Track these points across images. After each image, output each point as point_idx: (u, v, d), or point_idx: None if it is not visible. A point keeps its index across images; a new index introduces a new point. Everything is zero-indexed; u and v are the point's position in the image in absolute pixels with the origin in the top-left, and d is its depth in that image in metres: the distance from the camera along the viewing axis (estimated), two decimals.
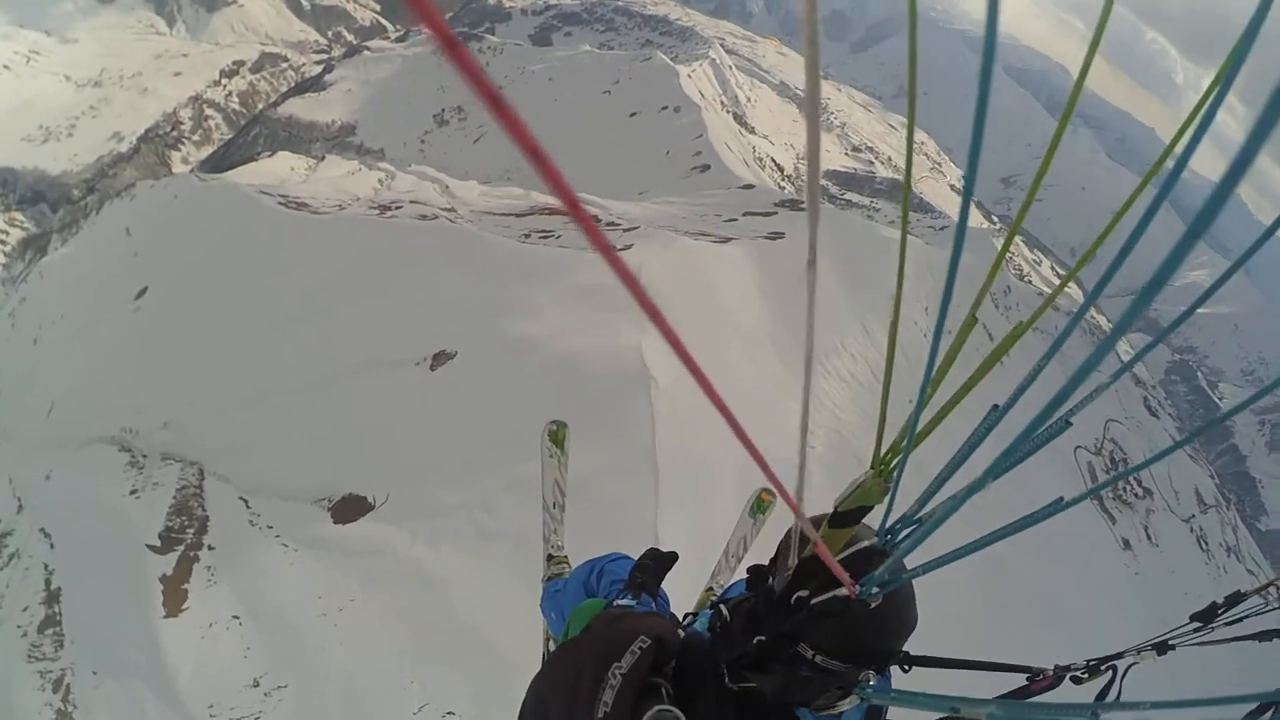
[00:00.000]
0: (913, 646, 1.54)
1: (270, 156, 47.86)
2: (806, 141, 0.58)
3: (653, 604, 2.42)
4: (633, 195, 37.52)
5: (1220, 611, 2.69)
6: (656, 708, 1.27)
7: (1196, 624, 2.71)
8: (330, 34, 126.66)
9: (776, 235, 23.47)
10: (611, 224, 24.59)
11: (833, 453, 17.47)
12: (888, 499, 1.18)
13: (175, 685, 13.21)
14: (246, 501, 16.41)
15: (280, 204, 26.77)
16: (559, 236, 23.06)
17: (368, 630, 13.00)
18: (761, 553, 2.29)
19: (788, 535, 1.59)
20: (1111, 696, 2.54)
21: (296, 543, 15.03)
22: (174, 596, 14.79)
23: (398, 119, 74.39)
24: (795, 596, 1.33)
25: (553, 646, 3.33)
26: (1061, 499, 0.93)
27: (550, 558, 3.77)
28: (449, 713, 11.64)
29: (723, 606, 1.64)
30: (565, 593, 3.01)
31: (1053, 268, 73.38)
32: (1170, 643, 2.64)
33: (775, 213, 28.79)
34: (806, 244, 0.66)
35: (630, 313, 16.50)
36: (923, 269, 24.68)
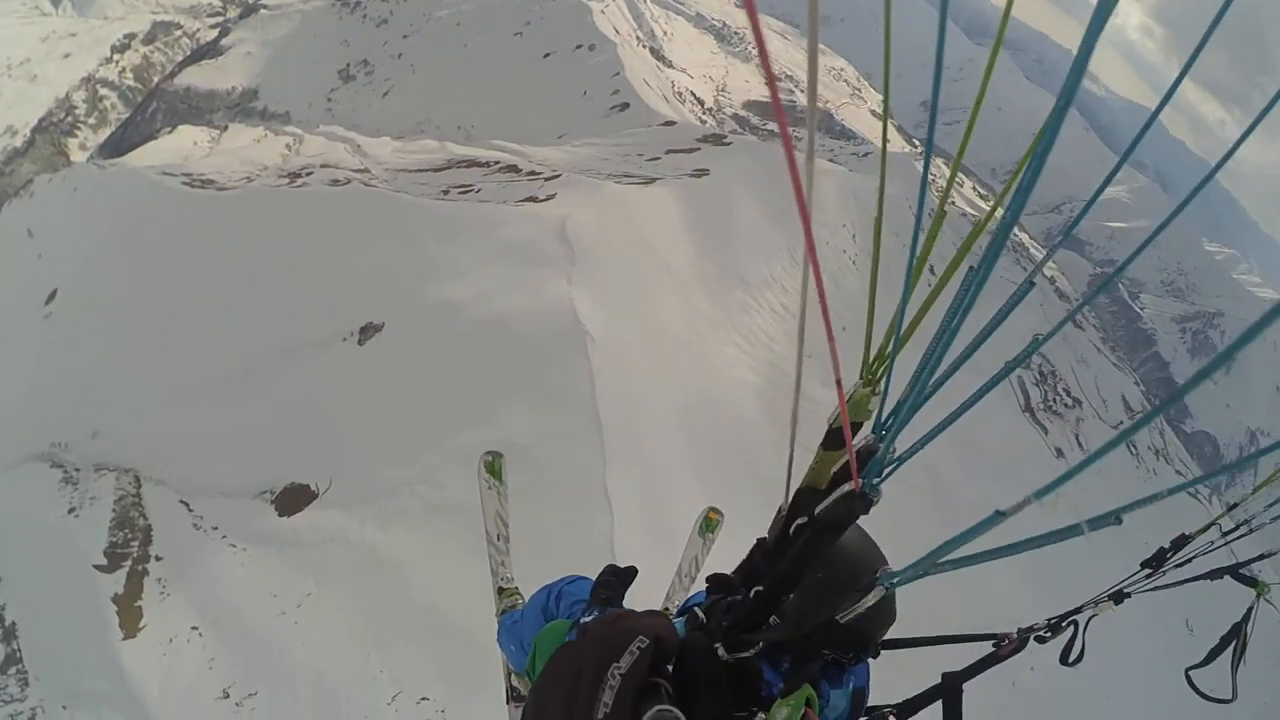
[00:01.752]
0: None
1: (171, 132, 46.04)
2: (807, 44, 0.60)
3: None
4: (552, 139, 36.76)
5: (1168, 556, 2.87)
6: (656, 708, 1.24)
7: (1148, 570, 2.90)
8: None
9: (701, 172, 23.14)
10: (532, 173, 23.99)
11: (771, 387, 17.53)
12: (880, 397, 1.16)
13: (145, 708, 12.78)
14: (187, 504, 15.84)
15: (185, 184, 25.51)
16: (479, 190, 22.46)
17: (329, 623, 12.74)
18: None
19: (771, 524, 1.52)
20: (1076, 650, 2.83)
21: (244, 541, 14.59)
22: (129, 615, 14.24)
23: (301, 79, 71.57)
24: (794, 527, 1.30)
25: (515, 681, 3.34)
26: (1038, 335, 1.08)
27: (501, 590, 3.71)
28: (424, 698, 11.58)
29: (696, 609, 1.65)
30: (524, 622, 2.93)
31: (974, 188, 74.80)
32: (1125, 590, 2.82)
33: (698, 149, 28.39)
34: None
35: (557, 266, 16.19)
36: (847, 195, 24.69)
